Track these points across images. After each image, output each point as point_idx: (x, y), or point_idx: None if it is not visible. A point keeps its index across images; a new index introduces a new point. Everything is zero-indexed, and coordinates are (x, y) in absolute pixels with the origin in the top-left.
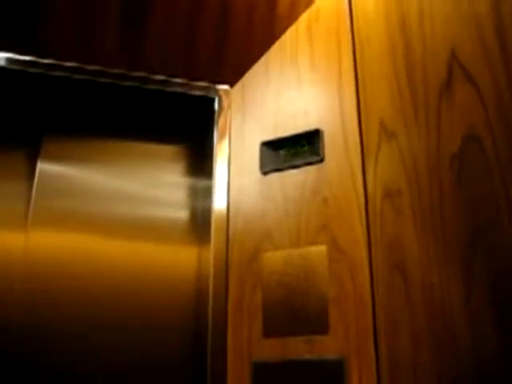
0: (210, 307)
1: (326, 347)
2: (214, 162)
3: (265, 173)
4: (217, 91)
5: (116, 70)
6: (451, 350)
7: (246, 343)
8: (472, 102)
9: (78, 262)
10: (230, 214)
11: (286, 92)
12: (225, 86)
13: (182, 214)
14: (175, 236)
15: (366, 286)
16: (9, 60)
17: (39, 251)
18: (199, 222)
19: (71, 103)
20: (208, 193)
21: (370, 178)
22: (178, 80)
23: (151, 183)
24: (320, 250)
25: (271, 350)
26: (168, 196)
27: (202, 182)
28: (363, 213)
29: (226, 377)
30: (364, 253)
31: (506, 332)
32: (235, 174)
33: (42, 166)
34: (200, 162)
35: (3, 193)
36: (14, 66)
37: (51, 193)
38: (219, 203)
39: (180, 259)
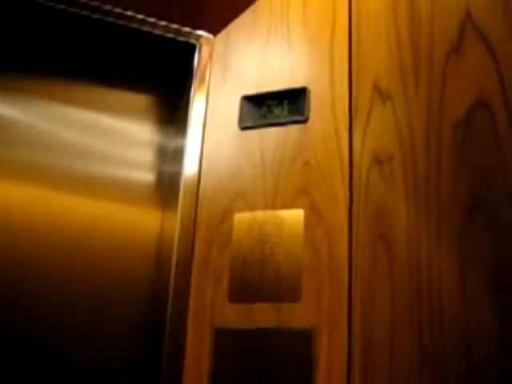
0: (172, 268)
1: (295, 316)
2: (189, 114)
3: (243, 128)
4: (198, 38)
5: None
6: (436, 332)
7: (209, 307)
8: (484, 66)
9: (30, 218)
10: (203, 170)
11: (273, 46)
12: (207, 34)
13: (150, 170)
14: (139, 194)
15: (343, 255)
16: None
17: None
18: (169, 173)
19: (34, 33)
20: (180, 146)
21: (357, 142)
22: (157, 21)
23: (116, 136)
24: (297, 213)
25: (236, 315)
26: (135, 151)
27: (174, 136)
28: (347, 179)
29: (185, 341)
30: (344, 220)
31: (504, 315)
32: (211, 129)
33: None
34: (173, 115)
35: None
36: None
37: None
38: (192, 158)
39: (143, 218)
